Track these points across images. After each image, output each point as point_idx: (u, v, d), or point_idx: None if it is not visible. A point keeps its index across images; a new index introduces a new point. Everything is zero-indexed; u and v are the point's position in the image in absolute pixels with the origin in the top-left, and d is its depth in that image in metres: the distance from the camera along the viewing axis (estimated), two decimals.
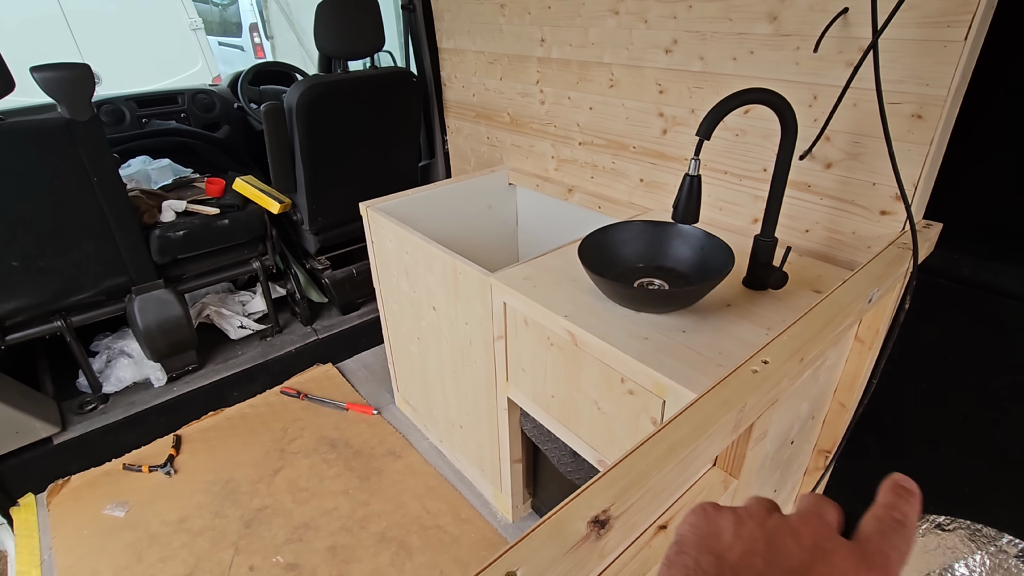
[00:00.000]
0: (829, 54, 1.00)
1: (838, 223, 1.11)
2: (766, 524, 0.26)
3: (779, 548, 0.24)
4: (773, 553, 0.24)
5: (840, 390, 1.12)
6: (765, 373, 0.66)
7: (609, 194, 1.59)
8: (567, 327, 1.00)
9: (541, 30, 1.57)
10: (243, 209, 1.99)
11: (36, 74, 1.44)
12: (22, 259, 1.56)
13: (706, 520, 0.26)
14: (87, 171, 1.58)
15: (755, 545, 0.24)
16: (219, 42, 6.54)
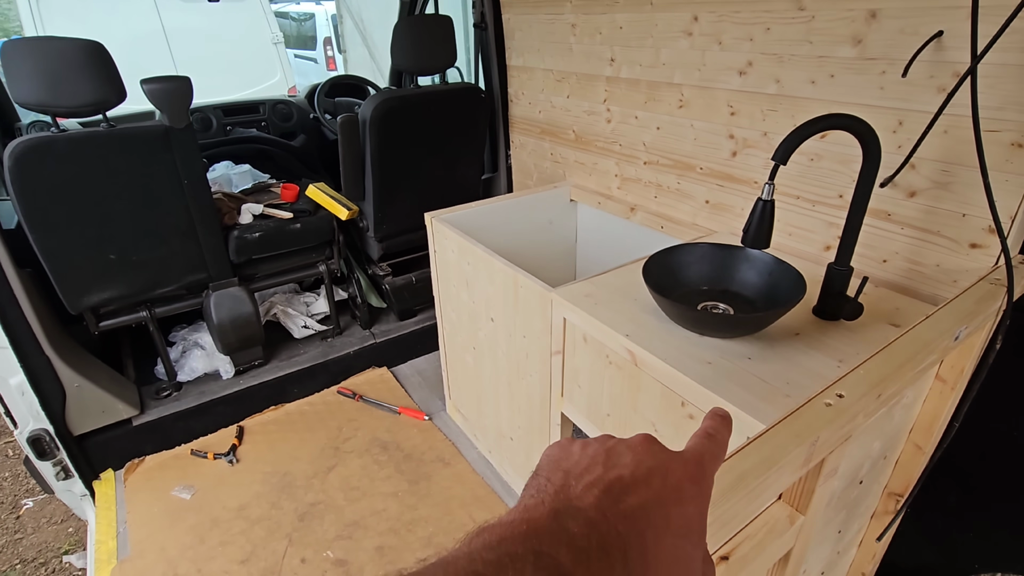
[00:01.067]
0: (919, 79, 0.96)
1: (920, 254, 1.06)
2: (607, 443, 0.30)
3: (616, 457, 0.29)
4: (611, 460, 0.29)
5: (916, 431, 1.06)
6: (839, 407, 0.64)
7: (673, 214, 1.57)
8: (627, 346, 1.00)
9: (611, 50, 1.58)
10: (314, 214, 2.09)
11: (145, 86, 1.57)
12: (119, 253, 1.70)
13: (558, 448, 0.31)
14: (179, 174, 1.71)
15: (596, 457, 0.29)
16: (295, 54, 6.92)
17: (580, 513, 0.26)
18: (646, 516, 0.27)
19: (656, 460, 0.29)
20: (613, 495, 0.27)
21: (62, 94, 1.43)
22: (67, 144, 1.50)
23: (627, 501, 0.27)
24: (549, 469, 0.29)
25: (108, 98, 1.50)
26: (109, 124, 1.57)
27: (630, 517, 0.26)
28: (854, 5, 1.02)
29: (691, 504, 0.29)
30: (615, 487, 0.27)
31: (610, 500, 0.27)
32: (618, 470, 0.28)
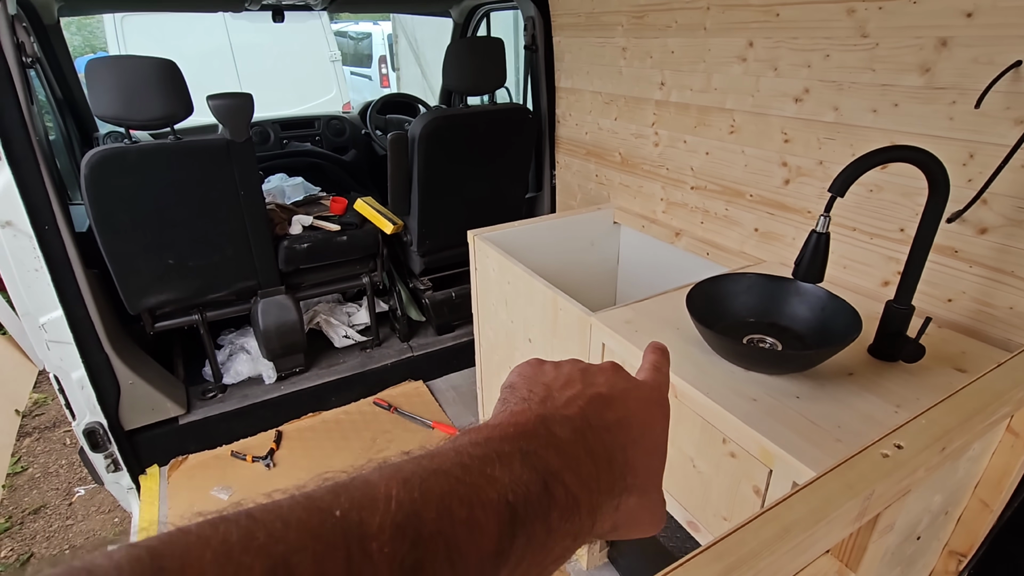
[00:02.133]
0: (993, 110, 0.91)
1: (991, 295, 0.99)
2: (578, 364, 0.32)
3: (591, 376, 0.31)
4: (587, 379, 0.30)
5: (983, 486, 0.98)
6: (898, 459, 0.59)
7: (719, 241, 1.53)
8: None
9: (662, 74, 1.57)
10: (360, 228, 2.14)
11: (211, 101, 1.66)
12: (176, 258, 1.79)
13: (530, 367, 0.32)
14: (237, 185, 1.78)
15: (573, 375, 0.31)
16: (351, 71, 7.19)
17: (567, 421, 0.27)
18: (625, 430, 0.28)
19: (628, 383, 0.31)
20: (595, 408, 0.28)
21: (136, 109, 1.53)
22: (137, 155, 1.60)
23: (608, 415, 0.28)
24: (528, 383, 0.30)
25: (177, 113, 1.59)
26: (176, 137, 1.66)
27: (611, 429, 0.28)
28: (922, 33, 0.97)
29: (658, 425, 0.31)
30: (596, 401, 0.29)
31: (593, 412, 0.28)
32: (596, 387, 0.30)
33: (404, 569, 0.18)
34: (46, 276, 1.54)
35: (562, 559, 0.24)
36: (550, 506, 0.23)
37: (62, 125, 2.22)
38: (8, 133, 1.38)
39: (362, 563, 0.17)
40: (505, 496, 0.22)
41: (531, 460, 0.23)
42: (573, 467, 0.25)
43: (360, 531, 0.18)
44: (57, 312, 1.59)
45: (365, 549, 0.18)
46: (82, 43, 8.43)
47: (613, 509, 0.27)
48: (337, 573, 0.17)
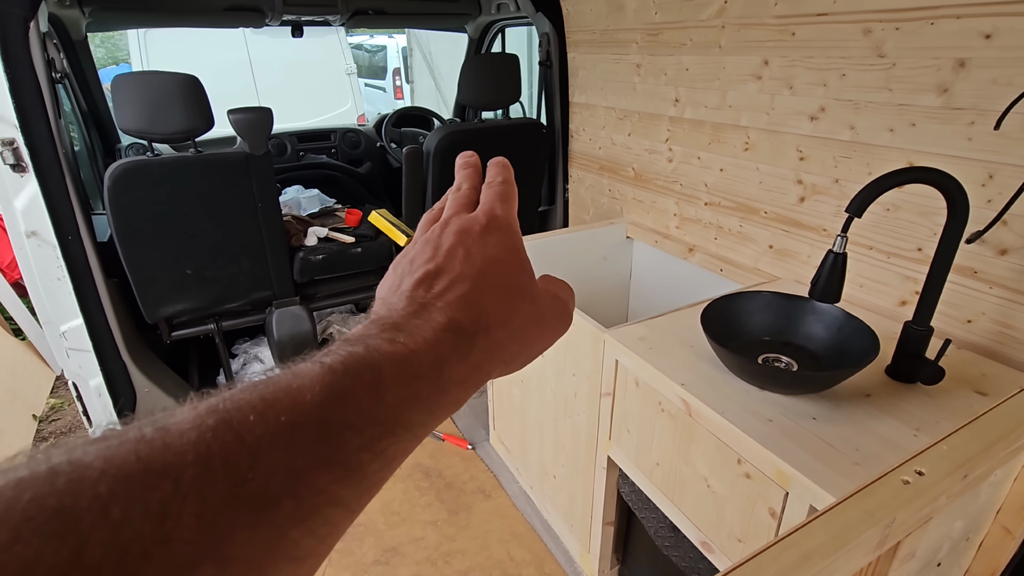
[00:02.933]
0: (1013, 131, 0.90)
1: (1012, 317, 0.98)
2: (411, 251, 0.30)
3: (419, 257, 0.29)
4: (415, 264, 0.29)
5: (1005, 512, 0.96)
6: (920, 486, 0.59)
7: (733, 257, 1.52)
8: (682, 395, 0.96)
9: (676, 91, 1.57)
10: (374, 240, 2.16)
11: (231, 115, 1.70)
12: (194, 268, 1.81)
13: (388, 273, 0.31)
14: (255, 197, 1.81)
15: (402, 271, 0.29)
16: (366, 83, 7.28)
17: (395, 313, 0.26)
18: (460, 282, 0.27)
19: (453, 238, 0.30)
20: (423, 287, 0.27)
21: (159, 123, 1.56)
22: (159, 167, 1.63)
23: (437, 284, 0.27)
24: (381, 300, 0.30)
25: (199, 127, 1.63)
26: (197, 150, 1.70)
27: (442, 293, 0.27)
28: (940, 54, 0.97)
29: (499, 250, 0.30)
30: (423, 281, 0.28)
31: (422, 292, 0.27)
32: (421, 269, 0.28)
33: (202, 431, 0.17)
34: (68, 285, 1.57)
35: (418, 402, 0.23)
36: (378, 359, 0.22)
37: (86, 136, 2.27)
38: (36, 146, 1.42)
39: (153, 439, 0.17)
40: (319, 361, 0.21)
41: (355, 342, 0.23)
42: (402, 330, 0.24)
43: (157, 424, 0.18)
44: (77, 320, 1.62)
45: (162, 430, 0.17)
46: (105, 55, 8.64)
47: (466, 353, 0.26)
48: (122, 452, 0.16)
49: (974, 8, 0.92)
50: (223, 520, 0.17)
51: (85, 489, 0.15)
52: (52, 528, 0.14)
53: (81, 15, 1.97)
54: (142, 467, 0.16)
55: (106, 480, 0.15)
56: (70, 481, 0.15)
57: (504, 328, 0.28)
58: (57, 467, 0.15)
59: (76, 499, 0.15)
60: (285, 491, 0.18)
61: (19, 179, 1.44)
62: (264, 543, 0.17)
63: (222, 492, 0.17)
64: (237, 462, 0.17)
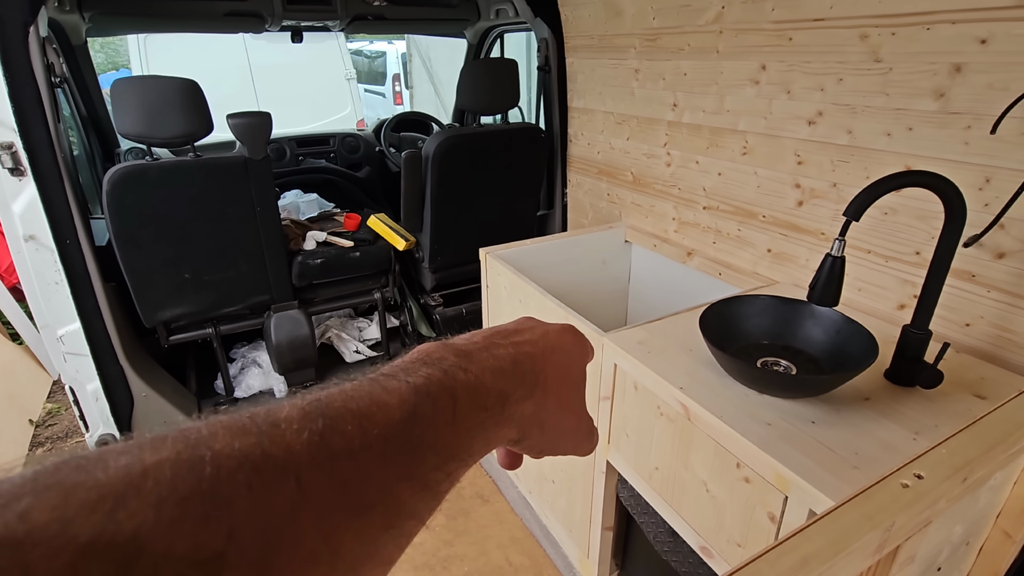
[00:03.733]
0: (1010, 135, 0.91)
1: (1010, 321, 0.98)
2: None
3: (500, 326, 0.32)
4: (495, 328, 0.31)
5: (1005, 516, 0.95)
6: (919, 490, 0.59)
7: (732, 261, 1.52)
8: (681, 399, 0.96)
9: (674, 95, 1.58)
10: (373, 244, 2.16)
11: (230, 120, 1.70)
12: (193, 273, 1.81)
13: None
14: (253, 201, 1.81)
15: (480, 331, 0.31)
16: (365, 88, 7.30)
17: (471, 344, 0.28)
18: (531, 344, 0.30)
19: (535, 322, 0.33)
20: (500, 336, 0.30)
21: (159, 127, 1.57)
22: (158, 172, 1.63)
23: (513, 338, 0.30)
24: None
25: (198, 131, 1.63)
26: (196, 154, 1.70)
27: (518, 344, 0.29)
28: (936, 59, 0.98)
29: (572, 348, 0.33)
30: (501, 333, 0.30)
31: (498, 336, 0.30)
32: (502, 326, 0.32)
33: (312, 433, 0.19)
34: (66, 289, 1.56)
35: (482, 432, 0.25)
36: (453, 386, 0.24)
37: (85, 140, 2.27)
38: (35, 151, 1.42)
39: (272, 434, 0.18)
40: (406, 380, 0.23)
41: (432, 364, 0.25)
42: (476, 362, 0.26)
43: (269, 418, 0.19)
44: (75, 325, 1.61)
45: (274, 425, 0.19)
46: (105, 60, 8.67)
47: (525, 397, 0.28)
48: (248, 443, 0.17)
49: (969, 13, 0.92)
50: (334, 521, 0.18)
51: (227, 475, 0.16)
52: (208, 509, 0.16)
53: (81, 20, 1.98)
54: (269, 462, 0.17)
55: (244, 470, 0.17)
56: (215, 467, 0.16)
57: (555, 400, 0.30)
58: (199, 452, 0.17)
59: (222, 485, 0.16)
60: (378, 500, 0.20)
61: (17, 183, 1.44)
62: (362, 546, 0.19)
63: (332, 495, 0.18)
64: (343, 467, 0.19)
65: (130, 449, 0.16)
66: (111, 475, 0.15)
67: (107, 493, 0.14)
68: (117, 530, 0.14)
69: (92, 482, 0.15)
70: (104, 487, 0.15)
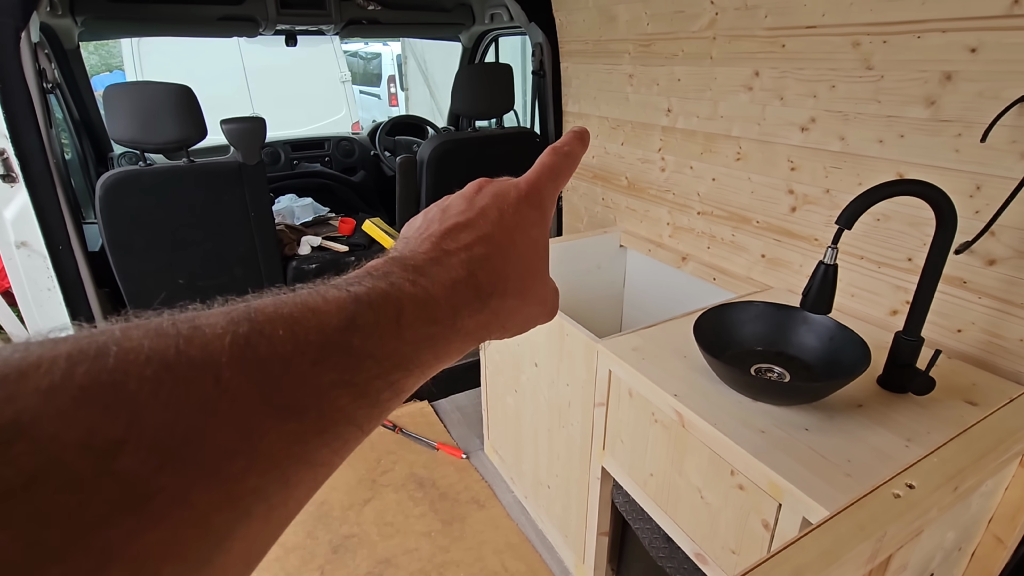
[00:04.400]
0: (1000, 143, 0.91)
1: (1001, 327, 0.99)
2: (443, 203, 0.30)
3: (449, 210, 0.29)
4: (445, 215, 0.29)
5: (996, 521, 0.96)
6: (911, 500, 0.59)
7: (726, 267, 1.53)
8: (675, 406, 0.97)
9: (668, 100, 1.58)
10: (368, 248, 2.16)
11: (224, 125, 1.69)
12: (187, 278, 1.80)
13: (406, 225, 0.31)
14: (248, 207, 1.81)
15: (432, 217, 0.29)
16: (360, 90, 7.29)
17: (419, 256, 0.26)
18: (484, 243, 0.28)
19: (488, 199, 0.30)
20: (450, 235, 0.27)
21: (152, 133, 1.56)
22: (152, 177, 1.62)
23: (463, 237, 0.27)
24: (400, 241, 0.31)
25: (191, 137, 1.62)
26: (189, 160, 1.69)
27: (469, 247, 0.27)
28: (927, 67, 0.99)
29: (532, 228, 0.30)
30: (451, 232, 0.28)
31: (448, 238, 0.27)
32: (452, 219, 0.28)
33: (236, 336, 0.18)
34: (58, 296, 1.56)
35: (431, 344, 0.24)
36: (399, 297, 0.23)
37: (78, 145, 2.26)
38: (27, 156, 1.41)
39: (190, 336, 0.17)
40: (346, 290, 0.22)
41: (378, 277, 0.24)
42: (425, 275, 0.25)
43: (189, 322, 0.18)
44: (68, 331, 1.60)
45: (195, 328, 0.18)
46: (99, 62, 8.61)
47: (479, 309, 0.27)
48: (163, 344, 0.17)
49: (959, 22, 0.93)
50: (256, 421, 0.18)
51: (134, 369, 0.15)
52: (108, 400, 0.15)
53: (73, 24, 1.97)
54: (184, 359, 0.17)
55: (152, 365, 0.16)
56: (119, 361, 0.15)
57: (515, 299, 0.29)
58: (104, 347, 0.16)
59: (127, 377, 0.15)
60: (311, 404, 0.19)
61: (9, 189, 1.43)
62: (289, 447, 0.19)
63: (256, 396, 0.18)
64: (271, 370, 0.18)
65: (26, 346, 0.15)
66: (1, 363, 0.14)
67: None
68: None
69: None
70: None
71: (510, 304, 0.29)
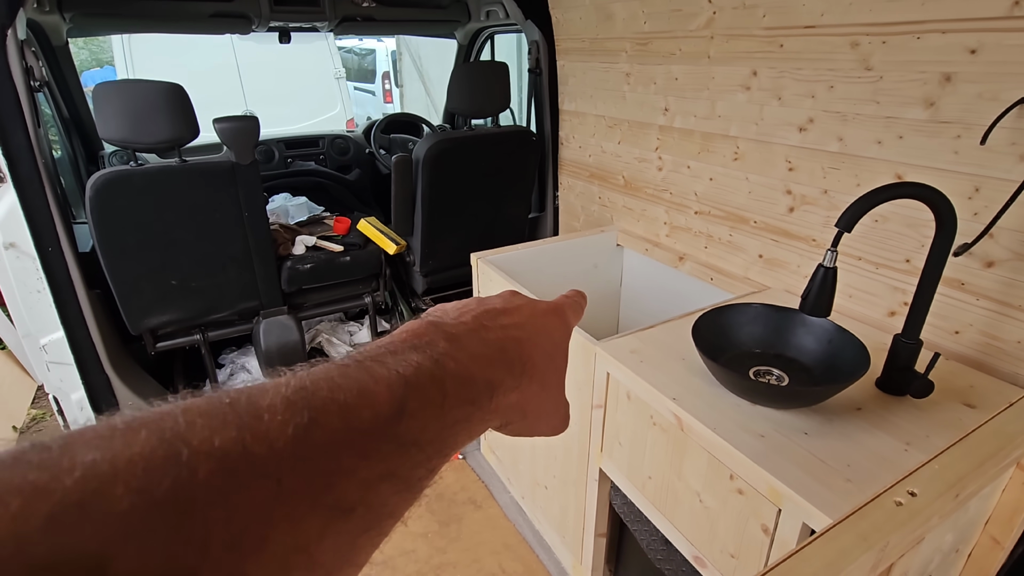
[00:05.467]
0: (999, 145, 0.91)
1: (999, 329, 0.98)
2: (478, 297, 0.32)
3: (487, 300, 0.31)
4: (483, 302, 0.31)
5: (993, 522, 0.96)
6: (912, 508, 0.58)
7: (723, 266, 1.53)
8: (674, 410, 0.96)
9: (665, 100, 1.58)
10: (363, 248, 2.14)
11: (216, 125, 1.67)
12: (180, 279, 1.78)
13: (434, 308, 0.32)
14: (241, 207, 1.79)
15: (469, 303, 0.31)
16: (355, 87, 7.24)
17: (460, 326, 0.27)
18: (519, 329, 0.30)
19: (522, 300, 0.33)
20: (489, 315, 0.29)
21: (143, 132, 1.54)
22: (143, 177, 1.60)
23: (501, 319, 0.29)
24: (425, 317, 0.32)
25: (183, 136, 1.60)
26: (181, 159, 1.67)
27: (506, 328, 0.29)
28: (926, 68, 0.98)
29: (556, 332, 0.33)
30: (489, 312, 0.30)
31: (486, 317, 0.29)
32: (490, 305, 0.31)
33: (297, 428, 0.18)
34: (48, 297, 1.53)
35: (467, 426, 0.25)
36: (443, 376, 0.24)
37: (68, 143, 2.23)
38: (14, 157, 1.38)
39: (254, 427, 0.17)
40: (395, 370, 0.22)
41: (422, 349, 0.24)
42: (465, 348, 0.26)
43: (251, 407, 0.18)
44: (58, 333, 1.58)
45: (257, 416, 0.18)
46: (89, 57, 8.52)
47: (512, 388, 0.28)
48: (228, 438, 0.17)
49: (959, 24, 0.92)
50: (312, 525, 0.18)
51: (202, 477, 0.16)
52: (181, 520, 0.15)
53: (62, 21, 1.94)
54: (249, 462, 0.17)
55: (221, 474, 0.16)
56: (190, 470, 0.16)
57: (538, 386, 0.30)
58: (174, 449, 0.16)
59: (196, 489, 0.15)
60: (359, 500, 0.19)
61: None
62: (339, 548, 0.19)
63: (312, 497, 0.18)
64: (326, 467, 0.18)
65: (100, 440, 0.15)
66: (77, 478, 0.14)
67: (72, 502, 0.13)
68: (80, 547, 0.13)
69: (56, 487, 0.13)
70: (70, 494, 0.13)
71: (535, 390, 0.30)
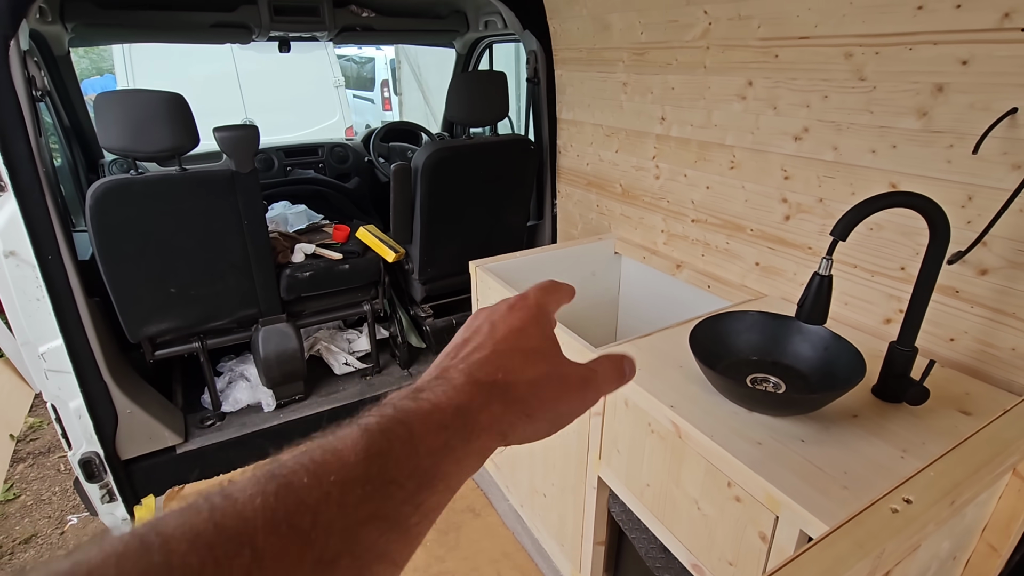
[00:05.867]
0: (991, 155, 0.92)
1: (993, 336, 0.99)
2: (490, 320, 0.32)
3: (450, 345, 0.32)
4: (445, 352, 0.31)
5: (991, 530, 0.96)
6: (908, 515, 0.59)
7: (720, 274, 1.53)
8: (672, 418, 0.96)
9: (662, 109, 1.59)
10: (362, 256, 2.15)
11: (217, 133, 1.68)
12: (179, 287, 1.79)
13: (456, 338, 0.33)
14: (240, 215, 1.79)
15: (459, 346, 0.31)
16: (354, 95, 7.27)
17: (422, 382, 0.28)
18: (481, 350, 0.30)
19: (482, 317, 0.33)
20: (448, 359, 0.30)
21: (144, 141, 1.54)
22: (143, 186, 1.61)
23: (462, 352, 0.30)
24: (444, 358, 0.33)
25: (184, 145, 1.61)
26: (181, 168, 1.67)
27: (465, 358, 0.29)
28: (919, 78, 0.99)
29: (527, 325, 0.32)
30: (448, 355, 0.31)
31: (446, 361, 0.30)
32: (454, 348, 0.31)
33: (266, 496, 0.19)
34: (47, 306, 1.53)
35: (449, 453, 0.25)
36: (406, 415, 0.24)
37: (68, 152, 2.24)
38: (15, 166, 1.39)
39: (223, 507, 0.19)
40: (355, 424, 0.24)
41: (381, 407, 0.25)
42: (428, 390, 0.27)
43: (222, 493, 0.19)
44: (57, 341, 1.58)
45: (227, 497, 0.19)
46: (89, 66, 8.55)
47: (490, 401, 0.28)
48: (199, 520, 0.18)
49: (951, 35, 0.94)
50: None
51: (177, 559, 0.16)
52: None
53: (64, 31, 1.95)
54: (222, 536, 0.17)
55: (196, 552, 0.17)
56: (164, 553, 0.16)
57: (522, 383, 0.30)
58: (147, 541, 0.17)
59: (174, 572, 0.16)
60: (343, 549, 0.19)
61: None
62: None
63: (292, 557, 0.18)
64: (300, 523, 0.19)
65: (76, 551, 0.16)
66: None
67: None
68: None
69: None
70: None
71: (520, 391, 0.29)
